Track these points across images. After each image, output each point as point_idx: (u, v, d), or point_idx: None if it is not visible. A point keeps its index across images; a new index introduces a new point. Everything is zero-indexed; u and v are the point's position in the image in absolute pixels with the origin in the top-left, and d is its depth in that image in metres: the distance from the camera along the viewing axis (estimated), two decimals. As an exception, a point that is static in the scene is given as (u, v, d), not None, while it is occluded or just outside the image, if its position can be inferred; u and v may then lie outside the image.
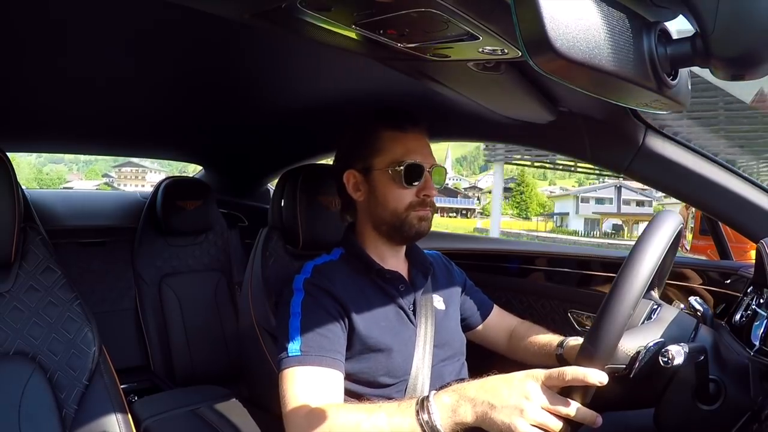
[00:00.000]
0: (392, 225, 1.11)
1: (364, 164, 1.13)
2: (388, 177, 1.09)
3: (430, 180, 1.11)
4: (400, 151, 1.09)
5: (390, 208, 1.10)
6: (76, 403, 0.96)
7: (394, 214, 1.10)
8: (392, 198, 1.10)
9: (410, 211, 1.10)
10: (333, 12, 0.71)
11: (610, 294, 0.76)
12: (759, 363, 0.78)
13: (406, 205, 1.10)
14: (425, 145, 1.13)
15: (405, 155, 1.09)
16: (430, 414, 0.81)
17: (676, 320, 0.88)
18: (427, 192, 1.10)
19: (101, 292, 2.04)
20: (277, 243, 1.37)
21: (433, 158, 1.12)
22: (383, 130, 1.11)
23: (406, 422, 0.83)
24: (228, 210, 2.45)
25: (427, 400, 0.83)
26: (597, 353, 0.75)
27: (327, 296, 1.04)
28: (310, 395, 0.92)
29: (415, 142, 1.11)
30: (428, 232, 1.14)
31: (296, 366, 0.95)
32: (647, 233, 0.79)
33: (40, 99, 1.54)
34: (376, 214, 1.13)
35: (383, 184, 1.10)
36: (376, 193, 1.12)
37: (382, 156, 1.10)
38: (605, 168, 1.33)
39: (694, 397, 0.81)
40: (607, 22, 0.47)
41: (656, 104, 0.59)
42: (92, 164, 40.57)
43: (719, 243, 1.59)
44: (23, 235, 1.01)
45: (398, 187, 1.09)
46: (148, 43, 1.14)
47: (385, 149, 1.10)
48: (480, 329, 1.34)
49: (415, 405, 0.84)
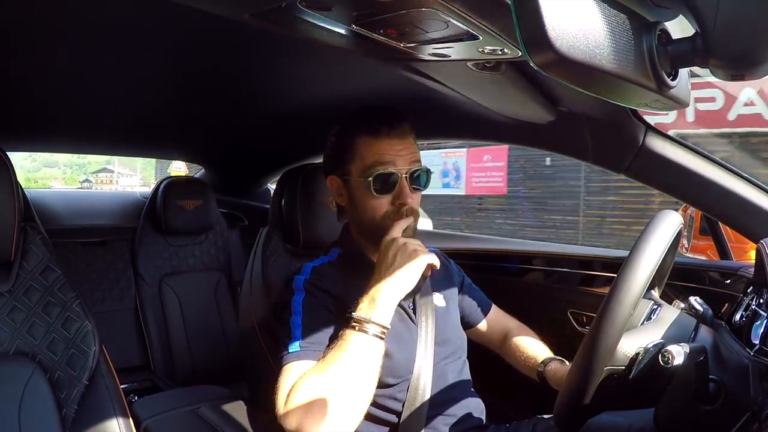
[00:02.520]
0: (373, 232, 1.08)
1: (342, 170, 1.10)
2: (363, 186, 1.06)
3: (405, 187, 1.05)
4: (371, 158, 1.05)
5: (367, 216, 1.08)
6: (76, 403, 0.96)
7: (371, 223, 1.08)
8: (368, 207, 1.07)
9: (386, 221, 1.06)
10: (333, 12, 0.71)
11: (610, 295, 0.76)
12: (759, 363, 0.78)
13: (381, 215, 1.06)
14: (403, 149, 1.06)
15: (376, 163, 1.04)
16: (366, 320, 0.92)
17: (676, 320, 0.88)
18: (401, 200, 1.05)
19: (101, 291, 2.04)
20: (278, 243, 1.37)
21: (413, 161, 1.07)
22: (358, 135, 1.07)
23: (360, 340, 0.91)
24: (228, 210, 2.45)
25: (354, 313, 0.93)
26: (597, 354, 0.75)
27: (327, 296, 1.04)
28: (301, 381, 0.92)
29: (387, 147, 1.05)
30: (414, 235, 1.11)
31: (294, 361, 0.95)
32: (646, 234, 0.79)
33: (41, 99, 1.54)
34: (358, 220, 1.12)
35: (359, 193, 1.07)
36: (355, 201, 1.09)
37: (356, 163, 1.07)
38: (605, 168, 1.33)
39: (694, 397, 0.81)
40: (608, 22, 0.47)
41: (656, 104, 0.59)
42: (85, 167, 41.05)
43: (719, 243, 1.58)
44: (23, 235, 1.01)
45: (371, 197, 1.05)
46: (149, 43, 1.14)
47: (358, 156, 1.06)
48: (479, 327, 1.34)
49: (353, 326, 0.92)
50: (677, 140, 1.19)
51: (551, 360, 1.18)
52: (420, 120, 1.20)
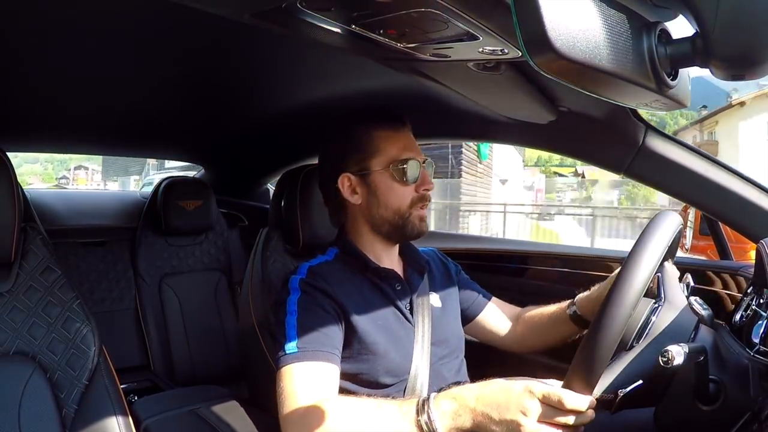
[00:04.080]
0: (395, 225, 1.12)
1: (359, 167, 1.12)
2: (389, 176, 1.10)
3: (427, 175, 1.13)
4: (396, 150, 1.11)
5: (393, 207, 1.11)
6: (76, 403, 0.96)
7: (397, 213, 1.11)
8: (394, 197, 1.11)
9: (413, 209, 1.11)
10: (333, 12, 0.71)
11: (609, 296, 0.76)
12: (759, 363, 0.78)
13: (408, 203, 1.11)
14: (414, 142, 1.15)
15: (402, 153, 1.11)
16: (430, 419, 0.83)
17: (676, 320, 0.88)
18: (426, 186, 1.12)
19: (101, 292, 2.04)
20: (278, 243, 1.37)
21: (422, 154, 1.15)
22: (376, 131, 1.12)
23: (405, 425, 0.84)
24: (228, 210, 2.45)
25: (428, 404, 0.84)
26: (595, 355, 0.75)
27: (323, 295, 1.05)
28: (306, 392, 0.92)
29: (407, 140, 1.13)
30: (427, 231, 1.15)
31: (293, 363, 0.95)
32: (646, 234, 0.79)
33: (40, 99, 1.54)
34: (378, 215, 1.13)
35: (384, 184, 1.11)
36: (378, 194, 1.12)
37: (378, 157, 1.11)
38: (605, 168, 1.33)
39: (694, 397, 0.81)
40: (607, 22, 0.47)
41: (656, 104, 0.59)
42: (66, 163, 40.99)
43: (719, 243, 1.58)
44: (23, 235, 1.01)
45: (400, 185, 1.10)
46: (148, 43, 1.14)
47: (381, 150, 1.11)
48: (481, 320, 1.32)
49: (415, 408, 0.85)
50: (677, 140, 1.19)
51: (575, 298, 1.20)
52: (420, 120, 1.21)
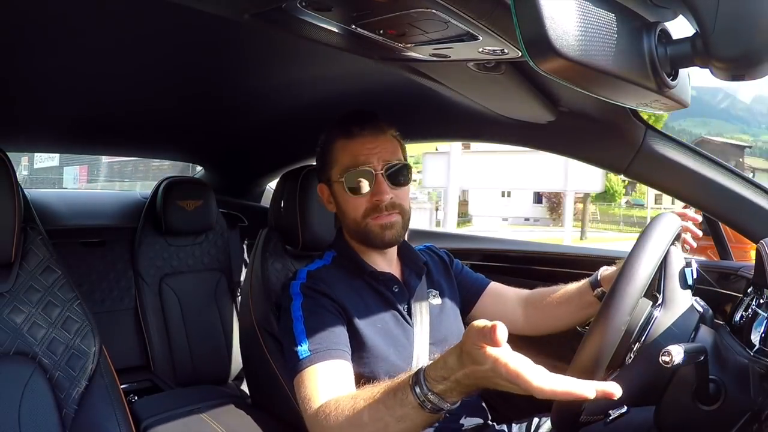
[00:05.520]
0: (359, 233, 1.10)
1: (325, 176, 1.13)
2: (342, 188, 1.08)
3: (382, 183, 1.05)
4: (346, 160, 1.07)
5: (350, 217, 1.10)
6: (76, 403, 0.96)
7: (355, 224, 1.09)
8: (349, 209, 1.09)
9: (368, 219, 1.07)
10: (333, 12, 0.71)
11: (609, 295, 0.76)
12: (759, 363, 0.78)
13: (362, 213, 1.07)
14: (376, 146, 1.06)
15: (350, 164, 1.06)
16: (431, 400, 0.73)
17: (676, 321, 0.88)
18: (378, 197, 1.05)
19: (101, 292, 2.04)
20: (278, 243, 1.37)
21: (389, 158, 1.07)
22: (335, 139, 1.10)
23: (407, 409, 0.76)
24: (228, 210, 2.45)
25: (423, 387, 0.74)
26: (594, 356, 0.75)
27: (325, 298, 1.05)
28: (327, 390, 0.92)
29: (360, 147, 1.06)
30: (399, 239, 1.10)
31: (309, 366, 0.96)
32: (646, 234, 0.79)
33: (40, 99, 1.54)
34: (345, 224, 1.14)
35: (340, 196, 1.10)
36: (339, 204, 1.11)
37: (335, 167, 1.09)
38: (605, 168, 1.33)
39: (694, 397, 0.81)
40: (608, 22, 0.47)
41: (656, 104, 0.59)
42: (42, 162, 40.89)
43: (719, 243, 1.58)
44: (24, 235, 1.01)
45: (350, 197, 1.07)
46: (148, 43, 1.14)
47: (336, 159, 1.09)
48: (483, 303, 1.28)
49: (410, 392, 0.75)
50: (677, 140, 1.19)
51: (597, 274, 1.14)
52: (420, 120, 1.21)
